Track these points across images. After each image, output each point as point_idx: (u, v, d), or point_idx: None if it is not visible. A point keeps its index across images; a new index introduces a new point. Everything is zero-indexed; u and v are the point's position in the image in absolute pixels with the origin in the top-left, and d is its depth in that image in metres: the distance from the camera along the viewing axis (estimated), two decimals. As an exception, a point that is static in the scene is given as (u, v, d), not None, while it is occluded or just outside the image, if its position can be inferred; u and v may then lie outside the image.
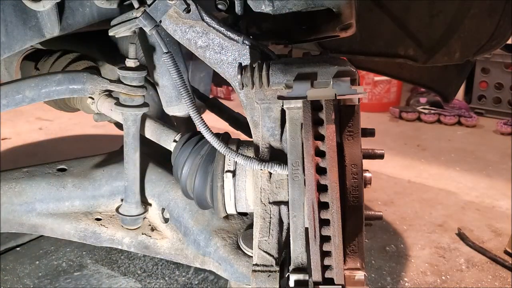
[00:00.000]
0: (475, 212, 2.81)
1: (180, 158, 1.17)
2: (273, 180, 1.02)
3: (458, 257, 2.33)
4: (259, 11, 1.09)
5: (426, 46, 1.91)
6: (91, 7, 1.10)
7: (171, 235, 1.29)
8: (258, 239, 1.00)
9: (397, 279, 2.14)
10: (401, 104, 5.29)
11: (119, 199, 1.36)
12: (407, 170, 3.47)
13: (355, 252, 0.92)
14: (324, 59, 0.98)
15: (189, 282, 2.06)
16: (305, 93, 0.92)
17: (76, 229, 1.32)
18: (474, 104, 5.04)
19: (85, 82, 1.22)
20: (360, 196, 0.94)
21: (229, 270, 1.15)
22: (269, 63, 0.97)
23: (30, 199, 1.32)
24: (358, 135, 0.96)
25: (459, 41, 1.84)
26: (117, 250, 2.26)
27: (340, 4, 1.08)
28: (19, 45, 1.07)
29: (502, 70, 4.84)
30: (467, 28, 1.81)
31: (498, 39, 1.80)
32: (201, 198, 1.15)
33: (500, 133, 4.41)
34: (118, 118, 1.27)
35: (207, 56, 1.04)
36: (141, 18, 0.99)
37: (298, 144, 0.95)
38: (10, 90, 1.15)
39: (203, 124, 1.04)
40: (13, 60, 1.61)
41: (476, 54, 1.86)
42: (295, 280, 0.92)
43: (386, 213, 2.74)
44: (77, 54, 1.53)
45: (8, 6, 1.02)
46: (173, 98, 1.35)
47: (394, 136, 4.33)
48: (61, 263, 2.20)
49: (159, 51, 1.27)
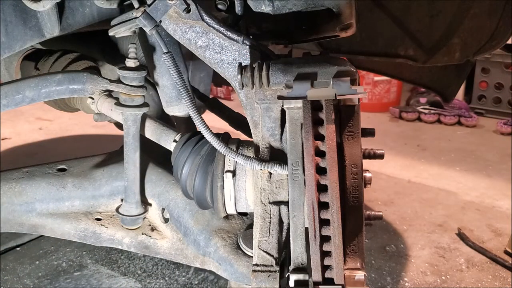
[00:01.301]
0: (475, 212, 2.81)
1: (180, 158, 1.17)
2: (273, 180, 1.02)
3: (458, 257, 2.33)
4: (259, 11, 1.09)
5: (426, 46, 1.91)
6: (91, 7, 1.10)
7: (171, 235, 1.29)
8: (258, 239, 1.00)
9: (397, 279, 2.14)
10: (401, 104, 5.29)
11: (119, 199, 1.36)
12: (407, 170, 3.47)
13: (355, 252, 0.92)
14: (324, 59, 0.98)
15: (189, 282, 2.06)
16: (305, 93, 0.92)
17: (76, 229, 1.33)
18: (474, 104, 5.04)
19: (85, 82, 1.21)
20: (360, 196, 0.94)
21: (229, 270, 1.15)
22: (269, 63, 0.97)
23: (30, 199, 1.32)
24: (358, 135, 0.96)
25: (459, 41, 1.84)
26: (117, 250, 2.26)
27: (340, 4, 1.08)
28: (19, 45, 1.07)
29: (502, 70, 4.84)
30: (467, 28, 1.81)
31: (498, 39, 1.80)
32: (201, 198, 1.15)
33: (500, 133, 4.41)
34: (118, 118, 1.27)
35: (207, 56, 1.04)
36: (141, 18, 0.99)
37: (298, 144, 0.95)
38: (10, 90, 1.15)
39: (203, 124, 1.04)
40: (13, 60, 1.61)
41: (476, 54, 1.86)
42: (295, 280, 0.92)
43: (386, 213, 2.74)
44: (77, 54, 1.53)
45: (8, 6, 1.02)
46: (173, 98, 1.35)
47: (394, 136, 4.33)
48: (61, 263, 2.20)
49: (159, 51, 1.27)
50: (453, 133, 4.49)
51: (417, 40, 1.92)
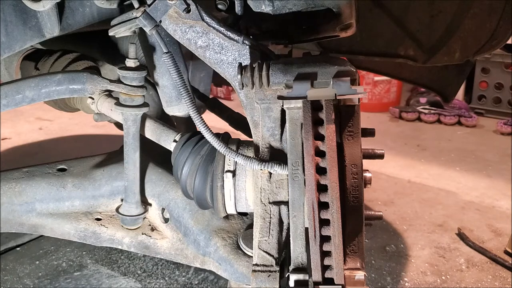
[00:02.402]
0: (475, 212, 2.81)
1: (180, 158, 1.17)
2: (273, 180, 1.02)
3: (458, 257, 2.33)
4: (259, 11, 1.09)
5: (426, 46, 1.91)
6: (91, 7, 1.10)
7: (171, 235, 1.29)
8: (258, 239, 1.00)
9: (397, 279, 2.14)
10: (401, 104, 5.29)
11: (119, 199, 1.36)
12: (407, 170, 3.47)
13: (355, 252, 0.92)
14: (324, 59, 0.97)
15: (189, 282, 2.06)
16: (305, 93, 0.92)
17: (76, 229, 1.33)
18: (474, 104, 5.05)
19: (85, 82, 1.21)
20: (360, 196, 0.94)
21: (229, 270, 1.15)
22: (269, 63, 0.97)
23: (30, 199, 1.32)
24: (358, 135, 0.96)
25: (459, 41, 1.84)
26: (117, 250, 2.26)
27: (340, 4, 1.08)
28: (19, 45, 1.07)
29: (502, 70, 4.84)
30: (467, 28, 1.81)
31: (498, 39, 1.80)
32: (201, 198, 1.15)
33: (500, 133, 4.41)
34: (118, 118, 1.27)
35: (207, 56, 1.04)
36: (141, 18, 0.99)
37: (298, 144, 0.95)
38: (10, 90, 1.15)
39: (203, 124, 1.04)
40: (13, 60, 1.61)
41: (476, 54, 1.86)
42: (295, 280, 0.92)
43: (386, 213, 2.74)
44: (77, 54, 1.53)
45: (8, 6, 1.02)
46: (173, 98, 1.35)
47: (394, 136, 4.33)
48: (61, 263, 2.20)
49: (159, 51, 1.27)
50: (453, 133, 4.49)
51: (417, 40, 1.92)
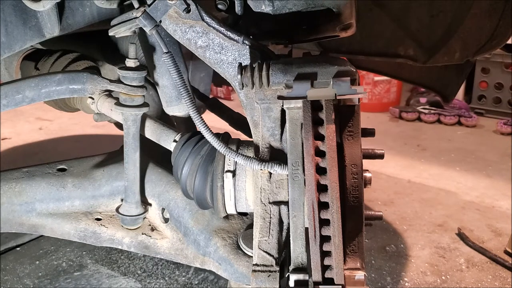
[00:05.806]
0: (475, 212, 2.81)
1: (180, 158, 1.17)
2: (273, 180, 1.02)
3: (458, 257, 2.33)
4: (259, 11, 1.09)
5: (426, 46, 1.91)
6: (91, 7, 1.10)
7: (171, 235, 1.29)
8: (258, 239, 1.00)
9: (397, 279, 2.14)
10: (401, 104, 5.29)
11: (119, 199, 1.36)
12: (407, 170, 3.47)
13: (355, 252, 0.92)
14: (324, 59, 0.97)
15: (189, 282, 2.06)
16: (305, 93, 0.92)
17: (76, 229, 1.33)
18: (474, 104, 5.04)
19: (85, 82, 1.21)
20: (360, 196, 0.94)
21: (229, 270, 1.15)
22: (269, 63, 0.97)
23: (30, 199, 1.32)
24: (358, 135, 0.96)
25: (459, 41, 1.84)
26: (117, 250, 2.26)
27: (340, 4, 1.08)
28: (19, 45, 1.07)
29: (502, 70, 4.84)
30: (467, 28, 1.81)
31: (498, 39, 1.80)
32: (201, 198, 1.15)
33: (500, 133, 4.41)
34: (118, 118, 1.27)
35: (207, 56, 1.04)
36: (141, 18, 0.99)
37: (298, 144, 0.95)
38: (10, 90, 1.15)
39: (203, 124, 1.04)
40: (13, 60, 1.61)
41: (476, 54, 1.86)
42: (295, 280, 0.92)
43: (386, 213, 2.74)
44: (77, 54, 1.53)
45: (8, 6, 1.02)
46: (173, 98, 1.35)
47: (394, 136, 4.33)
48: (61, 263, 2.20)
49: (159, 51, 1.27)
50: (453, 133, 4.49)
51: (417, 40, 1.92)
